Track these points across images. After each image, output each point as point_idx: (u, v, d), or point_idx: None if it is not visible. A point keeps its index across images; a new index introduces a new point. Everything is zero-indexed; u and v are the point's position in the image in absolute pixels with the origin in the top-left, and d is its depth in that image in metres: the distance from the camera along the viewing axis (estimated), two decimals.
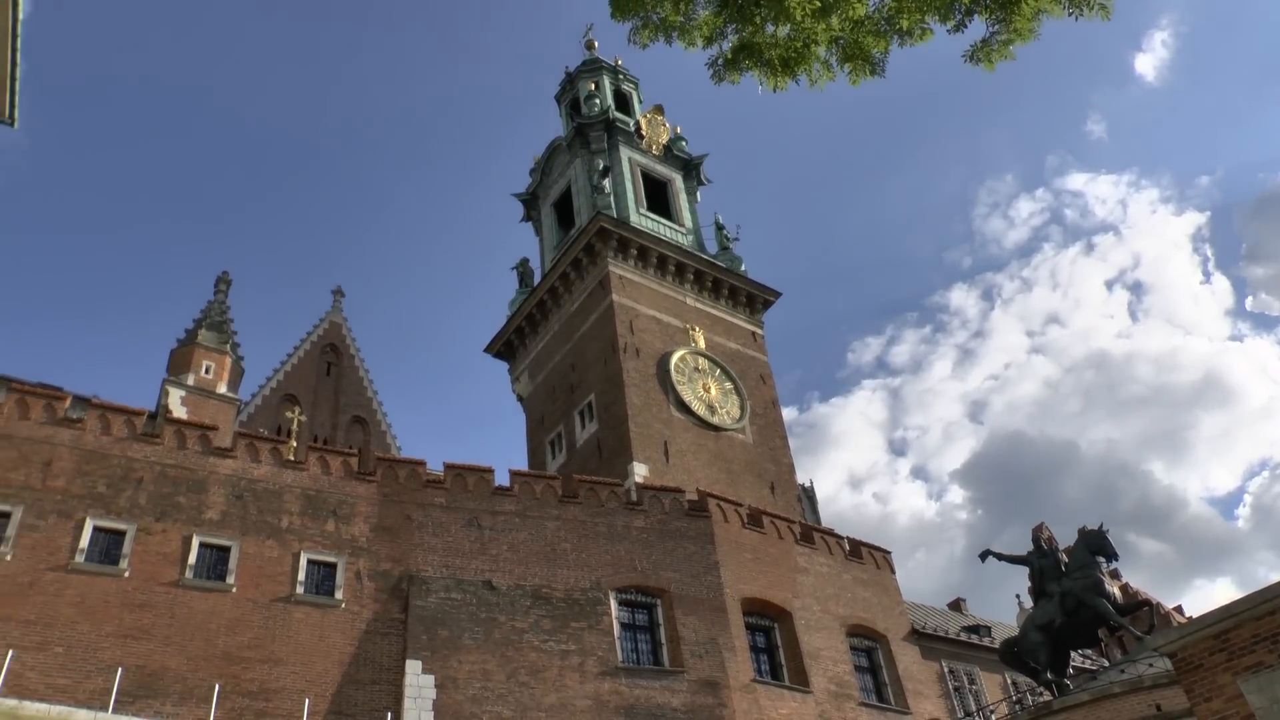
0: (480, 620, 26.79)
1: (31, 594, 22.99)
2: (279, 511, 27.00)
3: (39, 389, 26.93)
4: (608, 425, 37.41)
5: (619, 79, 53.43)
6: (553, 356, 43.28)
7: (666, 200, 47.69)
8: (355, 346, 52.44)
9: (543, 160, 51.29)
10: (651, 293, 41.43)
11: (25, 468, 24.88)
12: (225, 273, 43.29)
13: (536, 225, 51.03)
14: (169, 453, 26.82)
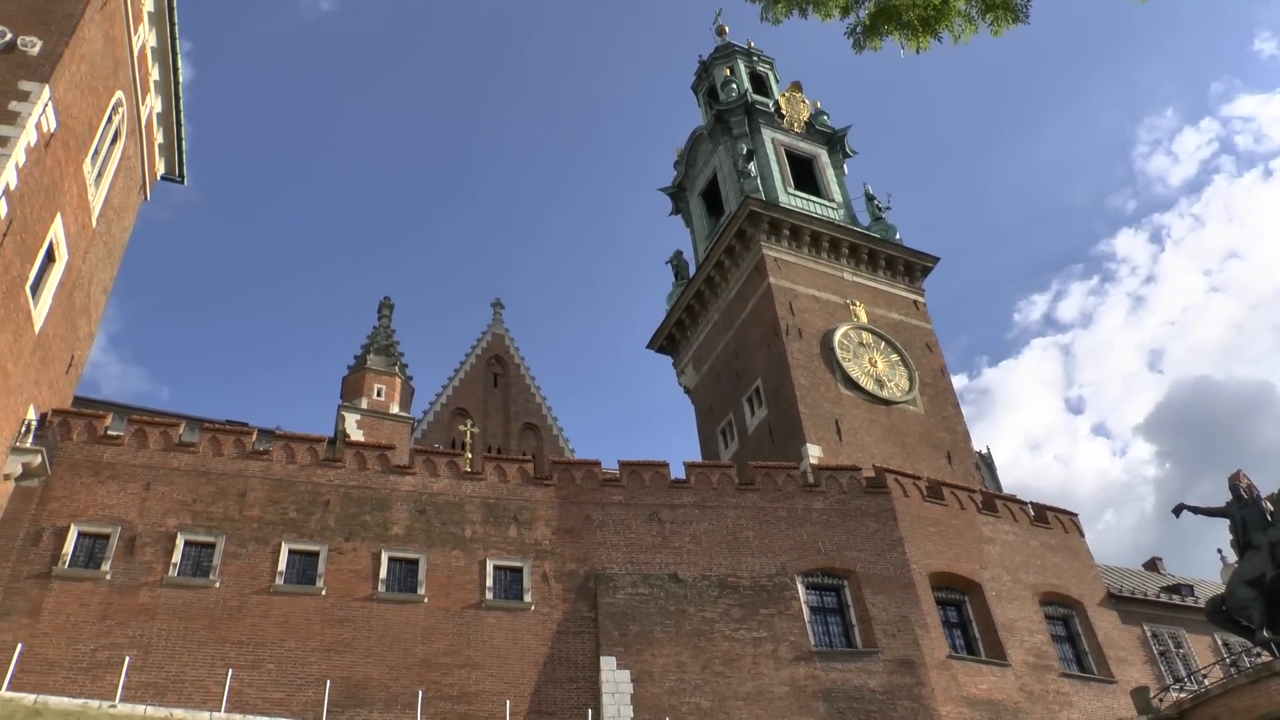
0: (669, 613, 26.91)
1: (241, 616, 24.37)
2: (462, 522, 27.71)
3: (228, 426, 28.36)
4: (777, 409, 37.06)
5: (753, 61, 52.92)
6: (715, 346, 43.15)
7: (814, 177, 46.98)
8: (519, 356, 53.35)
9: (686, 152, 51.21)
10: (808, 271, 40.86)
11: (223, 500, 26.28)
12: (387, 297, 44.71)
13: (686, 217, 51.01)
14: (351, 475, 27.88)
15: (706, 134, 49.31)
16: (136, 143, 32.85)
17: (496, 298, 57.16)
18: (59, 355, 27.25)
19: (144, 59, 32.24)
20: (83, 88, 26.90)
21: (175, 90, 34.91)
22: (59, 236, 26.00)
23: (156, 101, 34.23)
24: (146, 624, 23.65)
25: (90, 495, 25.45)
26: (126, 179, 32.14)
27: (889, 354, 39.54)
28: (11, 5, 25.89)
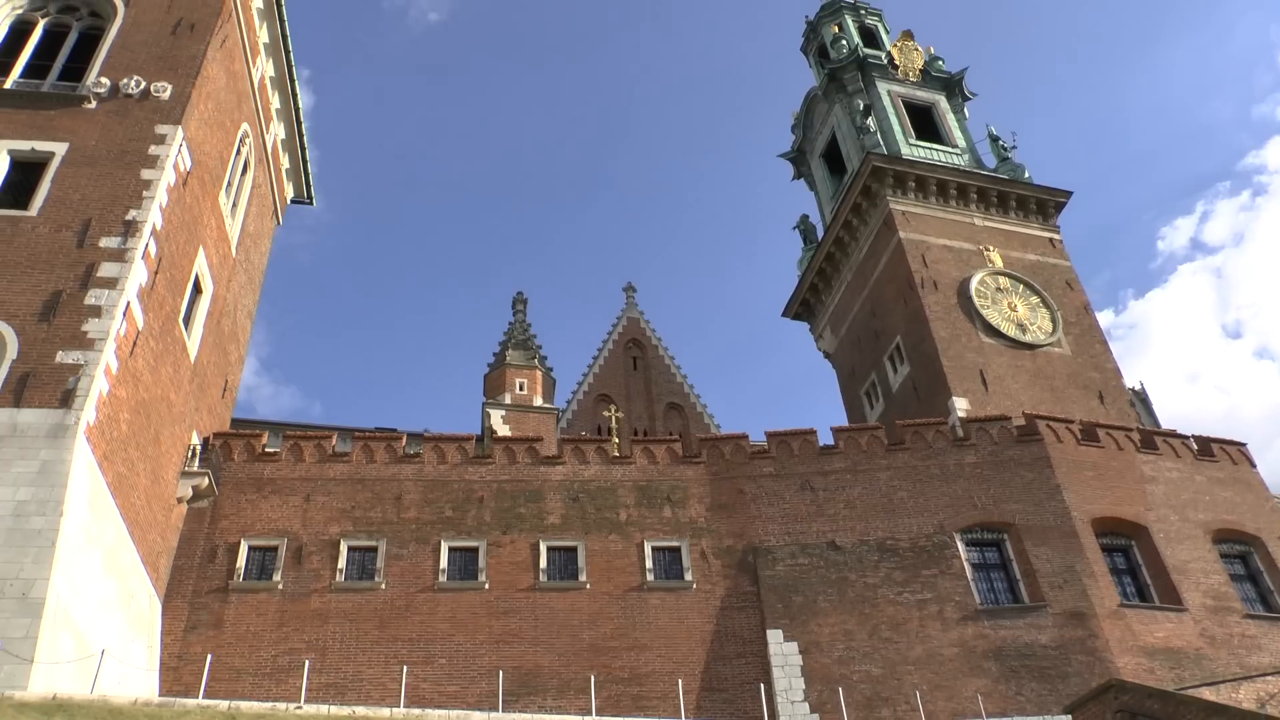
0: (831, 581, 26.69)
1: (409, 615, 25.19)
2: (615, 506, 27.98)
3: (378, 433, 29.25)
4: (919, 365, 36.32)
5: (861, 15, 51.76)
6: (851, 307, 42.51)
7: (934, 124, 45.73)
8: (657, 337, 53.47)
9: (802, 115, 50.46)
10: (938, 221, 39.84)
11: (380, 505, 27.16)
12: (520, 293, 45.36)
13: (809, 180, 50.31)
14: (502, 469, 28.43)
15: (821, 94, 48.47)
16: (265, 170, 33.99)
17: (628, 282, 57.43)
18: (214, 381, 28.44)
19: (264, 89, 33.31)
20: (211, 124, 27.92)
21: (296, 116, 35.99)
22: (203, 269, 27.11)
23: (280, 129, 35.36)
24: (320, 628, 24.66)
25: (256, 511, 26.63)
26: (259, 206, 33.30)
27: (1028, 296, 38.30)
28: (141, 55, 27.03)
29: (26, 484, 18.57)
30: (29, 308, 21.26)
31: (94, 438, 20.06)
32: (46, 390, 19.96)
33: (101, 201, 23.46)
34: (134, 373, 22.24)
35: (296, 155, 36.98)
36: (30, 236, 22.64)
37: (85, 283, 21.74)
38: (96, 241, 22.60)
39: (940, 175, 40.96)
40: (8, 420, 19.50)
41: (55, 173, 24.04)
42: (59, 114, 25.49)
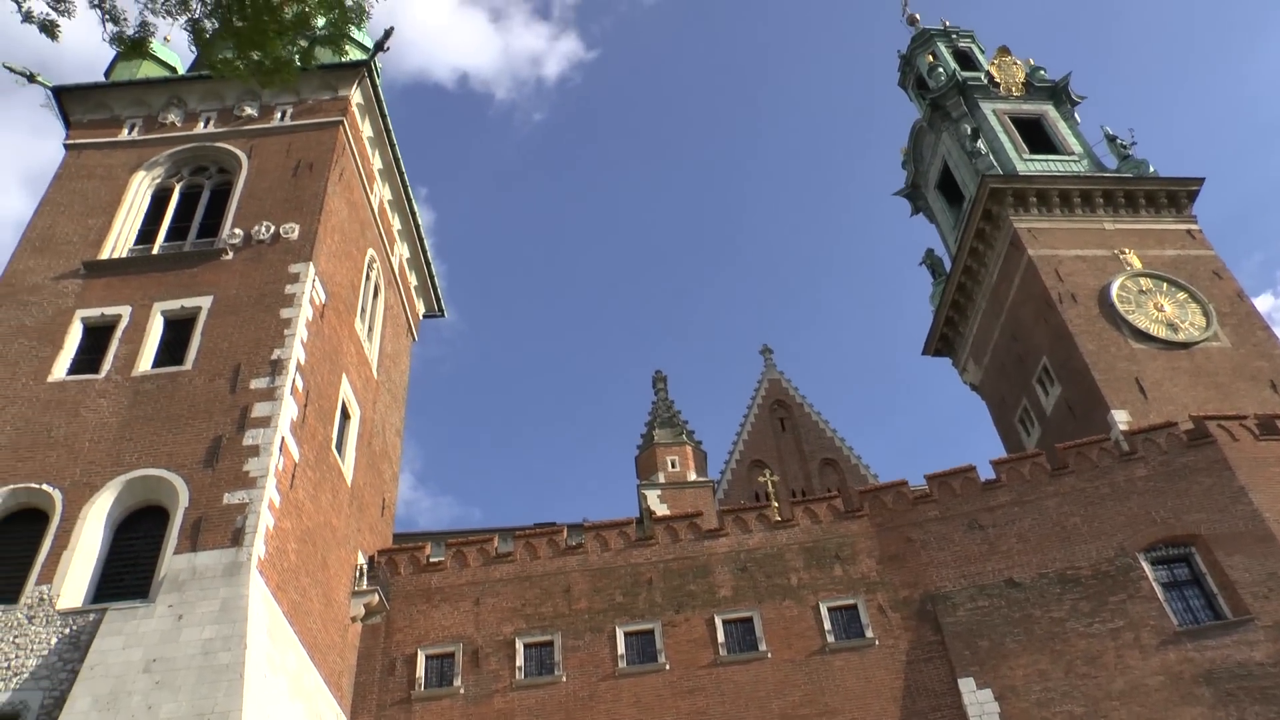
0: (1015, 620, 25.70)
1: (593, 704, 25.26)
2: (785, 571, 27.64)
3: (538, 530, 29.56)
4: (1070, 383, 35.05)
5: (953, 40, 51.18)
6: (990, 335, 41.47)
7: (1046, 135, 44.62)
8: (800, 395, 52.92)
9: (910, 149, 49.95)
10: (1066, 233, 38.66)
11: (550, 599, 27.40)
12: (658, 371, 45.59)
13: (928, 214, 49.63)
14: (666, 549, 28.39)
15: (926, 125, 47.94)
16: (395, 291, 35.18)
17: (763, 344, 57.04)
18: (373, 501, 29.24)
19: (384, 213, 34.63)
20: (339, 255, 29.10)
21: (418, 235, 37.28)
22: (348, 395, 28.05)
23: (404, 249, 36.63)
24: None
25: (428, 620, 27.11)
26: (394, 326, 34.42)
27: (1175, 294, 36.66)
28: (268, 201, 28.49)
29: (211, 622, 19.27)
30: (194, 456, 22.28)
31: (266, 571, 20.78)
32: (218, 531, 20.80)
33: (247, 346, 24.58)
34: (296, 503, 23.04)
35: (423, 272, 38.21)
36: (188, 389, 23.82)
37: (242, 425, 22.71)
38: (247, 384, 23.62)
39: (1060, 185, 39.84)
40: (187, 565, 20.36)
41: (204, 325, 25.33)
42: (201, 269, 26.93)
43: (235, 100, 31.90)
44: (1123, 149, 43.02)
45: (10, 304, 26.47)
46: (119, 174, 30.34)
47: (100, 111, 32.48)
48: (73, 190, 29.95)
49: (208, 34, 9.41)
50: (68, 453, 22.66)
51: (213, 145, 31.12)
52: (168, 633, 19.18)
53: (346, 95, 31.79)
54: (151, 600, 19.84)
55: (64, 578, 20.30)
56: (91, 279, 27.02)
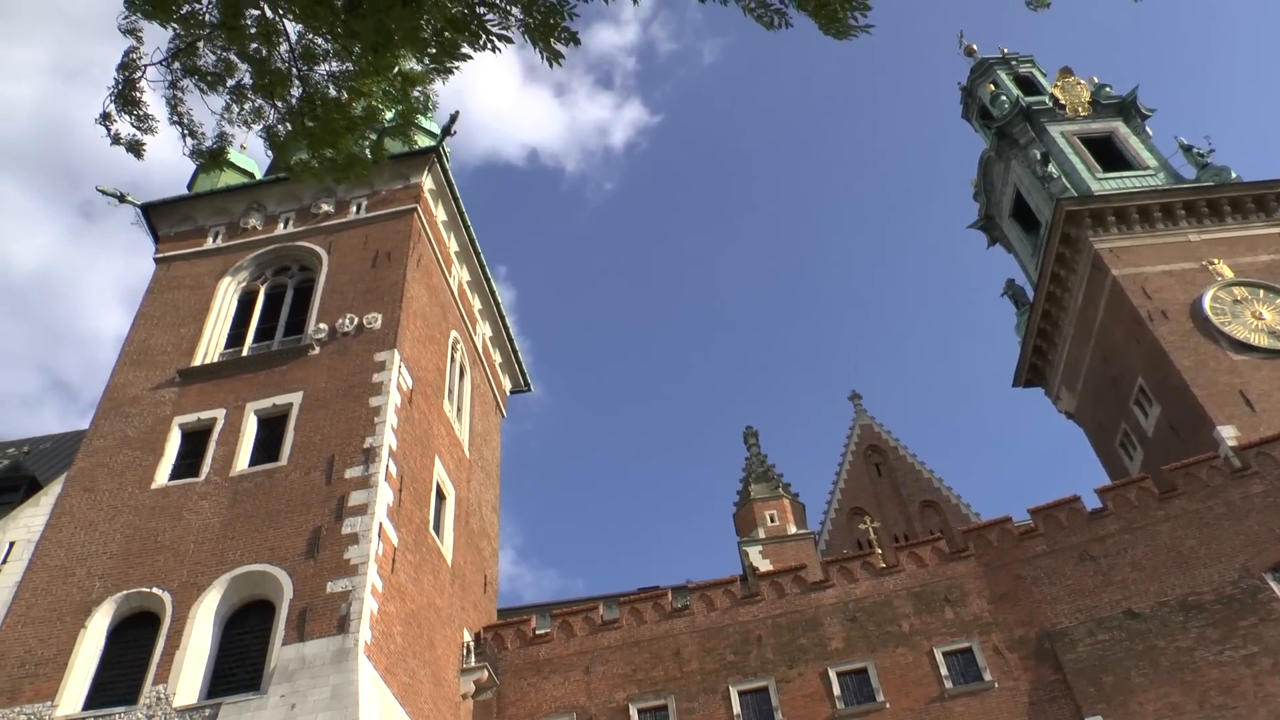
0: (1139, 653, 24.79)
1: None
2: (895, 619, 27.13)
3: (642, 594, 29.43)
4: (1170, 402, 34.01)
5: (1013, 66, 50.76)
6: (1081, 360, 40.57)
7: (1118, 152, 43.82)
8: (894, 439, 52.28)
9: (980, 181, 49.45)
10: (1150, 249, 37.76)
11: (661, 663, 27.21)
12: (749, 427, 45.33)
13: (1005, 244, 48.97)
14: (773, 604, 28.07)
15: (994, 154, 47.46)
16: (480, 370, 35.60)
17: (852, 390, 56.56)
18: (474, 579, 29.38)
19: (464, 294, 35.18)
20: (423, 340, 29.59)
21: (499, 313, 37.78)
22: (442, 476, 28.34)
23: (486, 327, 37.12)
24: None
25: (540, 693, 27.07)
26: (482, 405, 34.78)
27: (1273, 300, 35.46)
28: (349, 294, 29.15)
29: (323, 710, 19.45)
30: (295, 548, 22.67)
31: (373, 655, 20.94)
32: (324, 620, 21.05)
33: (340, 436, 25.02)
34: (398, 587, 23.23)
35: (506, 349, 38.66)
36: (285, 484, 24.29)
37: (340, 514, 23.05)
38: (342, 474, 24.01)
39: (1139, 201, 39.01)
40: (296, 655, 20.63)
41: (296, 421, 25.87)
42: (290, 367, 27.58)
43: (312, 199, 32.83)
44: (1200, 158, 42.06)
45: (114, 417, 27.43)
46: (206, 282, 31.35)
47: (185, 223, 33.70)
48: (164, 302, 31.01)
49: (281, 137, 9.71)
50: (174, 556, 23.29)
51: (293, 245, 32.05)
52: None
53: (418, 182, 32.53)
54: (264, 692, 20.17)
55: (179, 676, 20.76)
56: (186, 386, 27.86)
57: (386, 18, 7.83)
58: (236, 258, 32.03)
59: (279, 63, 8.97)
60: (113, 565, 23.42)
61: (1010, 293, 46.84)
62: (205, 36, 8.96)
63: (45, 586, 23.38)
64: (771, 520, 39.56)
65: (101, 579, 23.21)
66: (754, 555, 37.92)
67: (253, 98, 9.35)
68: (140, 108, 9.44)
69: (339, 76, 9.03)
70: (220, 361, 28.74)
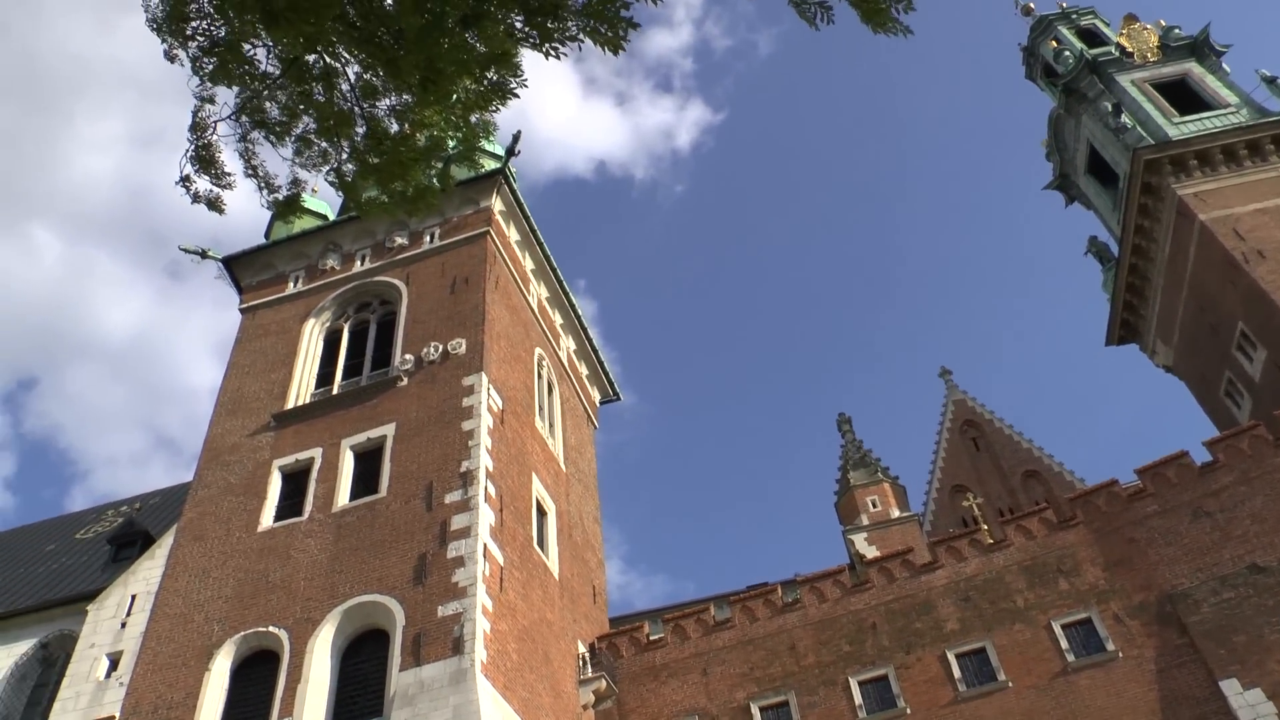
0: (1270, 609, 23.95)
1: None
2: (1009, 594, 26.63)
3: (752, 591, 29.31)
4: (1276, 344, 32.84)
5: (1073, 20, 49.53)
6: (1175, 311, 39.44)
7: (1194, 94, 42.47)
8: (989, 411, 51.33)
9: (1051, 140, 48.38)
10: (1238, 189, 36.51)
11: (778, 659, 27.10)
12: (842, 413, 44.90)
13: (1083, 201, 47.85)
14: (884, 590, 27.76)
15: (1063, 112, 46.38)
16: (568, 384, 35.81)
17: (941, 366, 55.56)
18: (583, 590, 29.52)
19: (544, 311, 35.42)
20: (508, 360, 29.85)
21: (580, 325, 37.96)
22: (540, 492, 28.55)
23: (569, 341, 37.33)
24: None
25: (659, 698, 27.09)
26: (573, 418, 34.96)
27: None
28: (431, 322, 29.55)
29: None
30: (403, 576, 23.03)
31: (491, 673, 21.17)
32: (438, 644, 21.35)
33: (436, 463, 25.35)
34: (508, 605, 23.45)
35: (592, 360, 38.83)
36: (387, 515, 24.70)
37: (443, 539, 23.35)
38: (442, 500, 24.32)
39: (1221, 141, 37.77)
40: (414, 679, 20.96)
41: (391, 452, 26.30)
42: (380, 400, 28.03)
43: (385, 233, 33.36)
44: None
45: (215, 466, 28.22)
46: (291, 326, 32.06)
47: (266, 271, 34.54)
48: (253, 350, 31.80)
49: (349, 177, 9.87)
50: (287, 594, 23.90)
51: (372, 280, 32.60)
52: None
53: (488, 205, 32.85)
54: (386, 718, 20.62)
55: (303, 708, 21.30)
56: (282, 429, 28.53)
57: (432, 53, 7.90)
58: (318, 299, 32.68)
59: (340, 104, 9.12)
60: (229, 608, 24.16)
61: (1094, 250, 45.78)
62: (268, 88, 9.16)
63: (168, 634, 24.28)
64: (873, 506, 39.13)
65: (220, 622, 23.96)
66: (859, 543, 37.55)
67: (318, 141, 9.52)
68: (216, 165, 9.70)
69: (399, 110, 9.15)
70: (312, 402, 29.33)
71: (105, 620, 25.77)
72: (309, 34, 8.18)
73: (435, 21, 7.74)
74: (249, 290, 34.39)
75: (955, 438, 50.29)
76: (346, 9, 7.97)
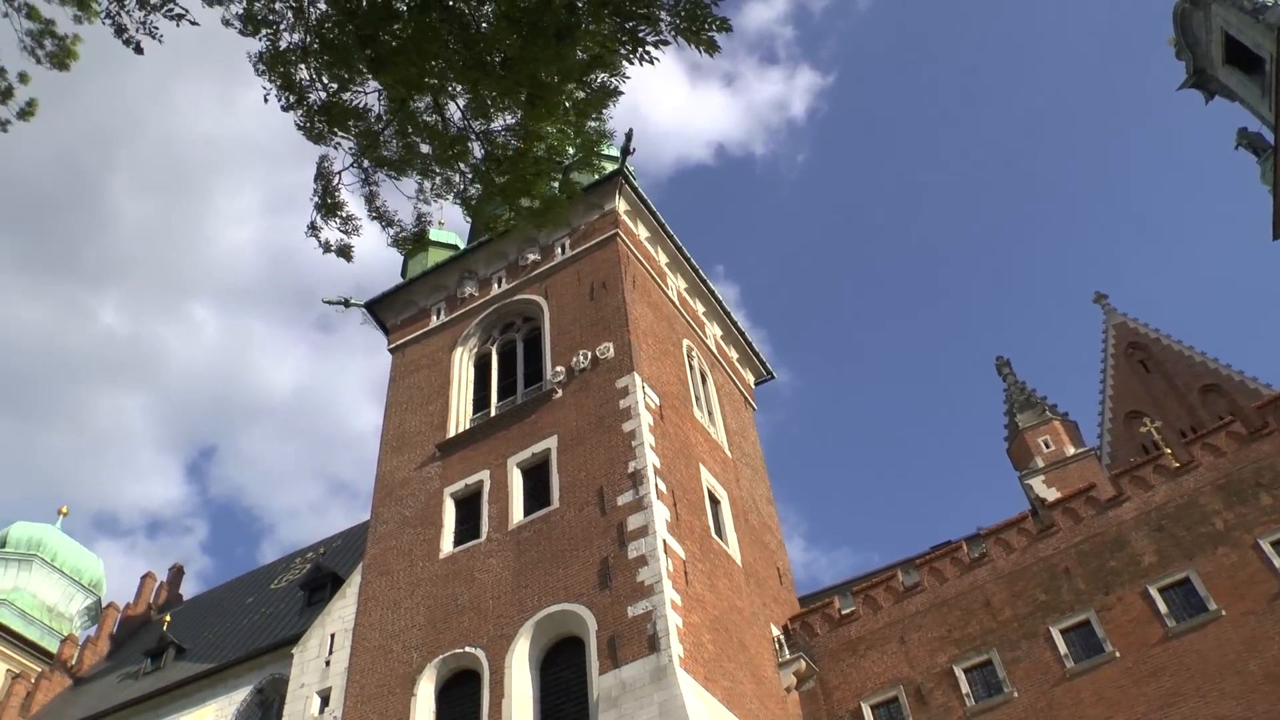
0: None
1: (1054, 713, 23.83)
2: (1205, 518, 25.35)
3: (936, 552, 28.67)
4: None
5: None
6: None
7: None
8: (1153, 330, 49.28)
9: (1177, 37, 45.94)
10: None
11: (974, 617, 26.37)
12: (999, 357, 43.82)
13: (1225, 94, 45.28)
14: (1072, 532, 26.78)
15: (1189, 4, 43.97)
16: (720, 370, 35.73)
17: (1095, 292, 53.52)
18: (767, 574, 29.39)
19: (685, 302, 35.43)
20: (658, 356, 29.96)
21: (723, 310, 37.84)
22: (710, 481, 28.54)
23: (715, 328, 37.24)
24: None
25: (861, 671, 26.68)
26: (730, 403, 34.87)
27: None
28: (576, 331, 29.91)
29: None
30: (588, 582, 23.35)
31: (689, 667, 21.26)
32: (634, 644, 21.56)
33: (603, 468, 25.62)
34: (696, 597, 23.52)
35: (740, 343, 38.66)
36: (562, 524, 25.09)
37: (622, 541, 23.57)
38: (615, 502, 24.56)
39: None
40: (615, 681, 21.22)
41: (557, 463, 26.71)
42: (539, 415, 28.49)
43: (518, 252, 33.89)
44: None
45: (389, 502, 29.22)
46: (440, 357, 32.89)
47: (408, 309, 35.55)
48: (408, 386, 32.79)
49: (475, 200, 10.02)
50: (477, 614, 24.58)
51: (512, 300, 33.16)
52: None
53: (613, 208, 33.04)
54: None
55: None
56: (447, 457, 29.31)
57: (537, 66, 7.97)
58: (462, 327, 33.42)
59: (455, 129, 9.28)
60: (423, 636, 25.01)
61: (1245, 142, 43.35)
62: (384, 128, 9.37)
63: (370, 666, 25.36)
64: (1046, 446, 38.07)
65: (417, 649, 24.83)
66: (1038, 486, 36.54)
67: (440, 170, 9.70)
68: (341, 210, 9.99)
69: (513, 127, 9.26)
70: (472, 427, 30.00)
71: (310, 661, 27.17)
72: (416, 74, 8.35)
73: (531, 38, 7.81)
74: (395, 330, 35.44)
75: (1121, 363, 48.46)
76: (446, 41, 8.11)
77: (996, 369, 43.42)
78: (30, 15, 10.90)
